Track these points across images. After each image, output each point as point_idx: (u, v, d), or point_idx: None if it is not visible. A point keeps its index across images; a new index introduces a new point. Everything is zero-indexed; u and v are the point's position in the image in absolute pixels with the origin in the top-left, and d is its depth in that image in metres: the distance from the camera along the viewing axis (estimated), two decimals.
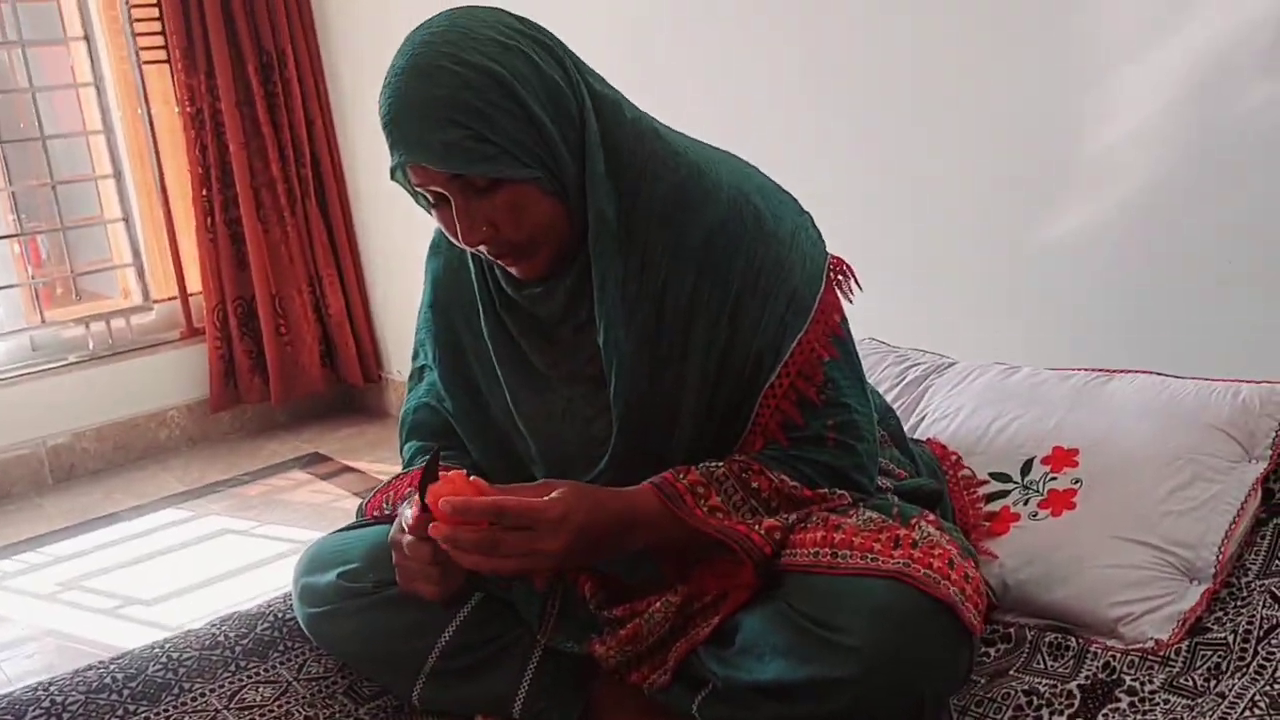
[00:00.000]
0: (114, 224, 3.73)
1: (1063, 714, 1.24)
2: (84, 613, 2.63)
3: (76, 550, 3.01)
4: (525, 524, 1.13)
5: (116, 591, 2.73)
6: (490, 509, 1.13)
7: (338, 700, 1.43)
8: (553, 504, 1.15)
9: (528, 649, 1.35)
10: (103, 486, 3.46)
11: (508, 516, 1.13)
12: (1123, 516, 1.38)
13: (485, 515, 1.13)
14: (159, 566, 2.87)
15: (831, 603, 1.15)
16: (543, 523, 1.14)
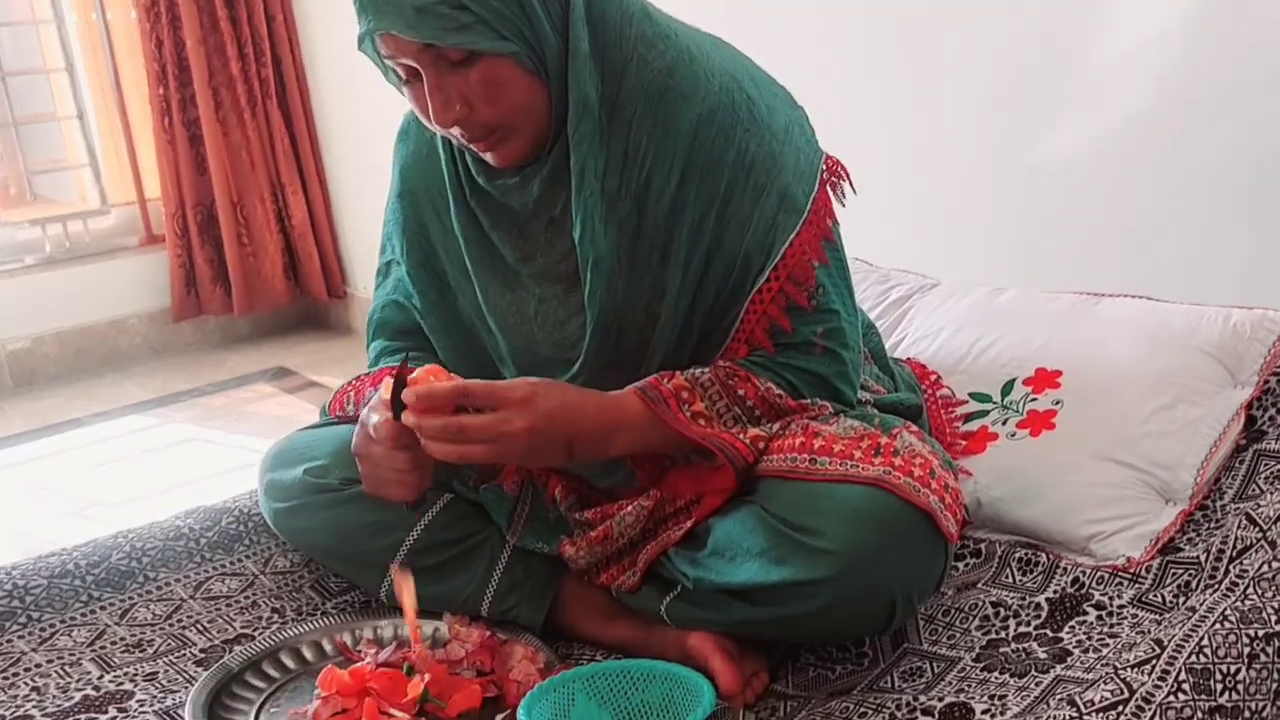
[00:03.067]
0: (67, 121, 3.63)
1: (1029, 625, 1.26)
2: (50, 514, 2.62)
3: (40, 454, 2.99)
4: (490, 405, 1.12)
5: (82, 495, 2.72)
6: (454, 392, 1.13)
7: (304, 594, 1.43)
8: (518, 385, 1.15)
9: (496, 548, 1.35)
10: (64, 392, 3.43)
11: (471, 397, 1.12)
12: (1102, 436, 1.39)
13: (450, 400, 1.12)
14: (124, 472, 2.86)
15: (808, 506, 1.15)
16: (508, 403, 1.13)
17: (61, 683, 1.27)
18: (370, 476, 1.21)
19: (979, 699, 1.14)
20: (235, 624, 1.38)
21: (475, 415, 1.12)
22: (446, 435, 1.12)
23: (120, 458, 2.95)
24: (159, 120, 3.52)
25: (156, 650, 1.33)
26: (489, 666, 1.28)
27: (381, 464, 1.18)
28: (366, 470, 1.21)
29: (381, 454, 1.18)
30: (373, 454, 1.19)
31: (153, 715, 1.21)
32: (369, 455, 1.20)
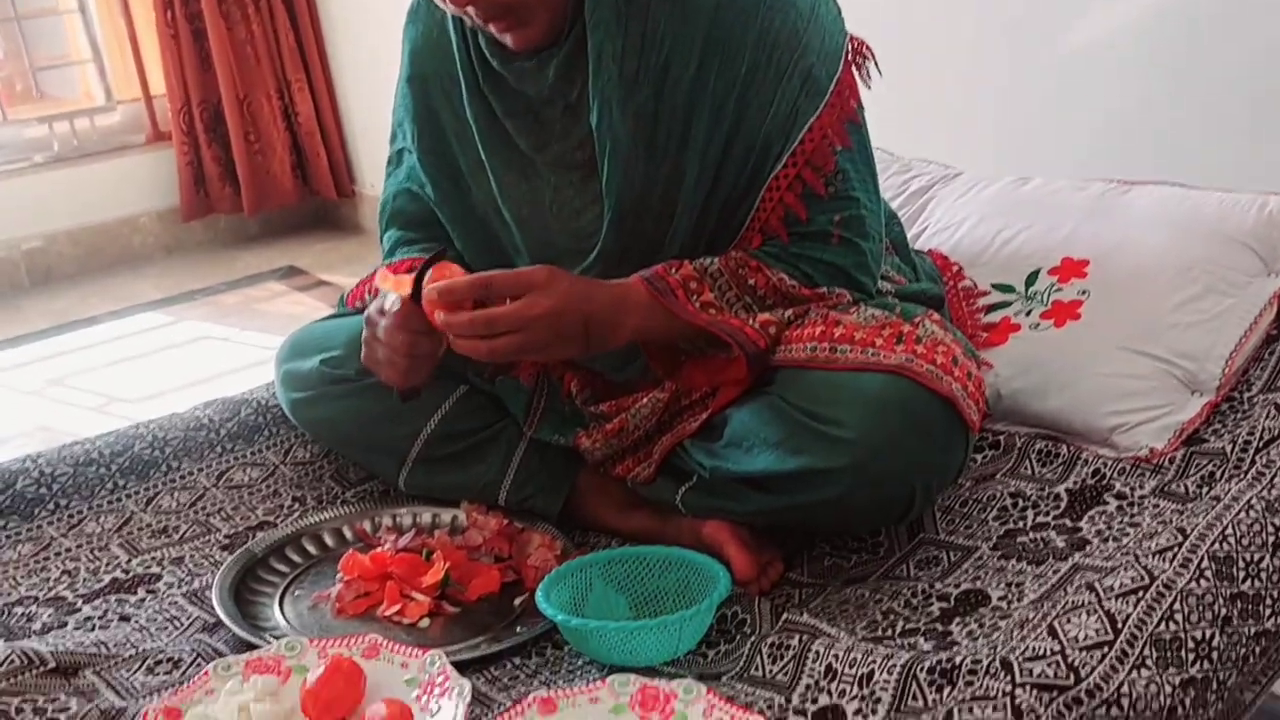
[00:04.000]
0: (69, 15, 3.57)
1: (1048, 515, 1.26)
2: (71, 409, 2.65)
3: (58, 350, 3.02)
4: (514, 292, 1.11)
5: (101, 391, 2.75)
6: (474, 284, 1.12)
7: (325, 483, 1.45)
8: (538, 269, 1.14)
9: (513, 440, 1.36)
10: (79, 290, 3.44)
11: (494, 288, 1.11)
12: (1128, 327, 1.37)
13: (473, 292, 1.11)
14: (141, 368, 2.88)
15: (827, 395, 1.15)
16: (530, 286, 1.11)
17: (91, 566, 1.29)
18: (369, 345, 1.21)
19: (995, 586, 1.15)
20: (258, 512, 1.40)
21: (502, 306, 1.11)
22: (476, 330, 1.11)
23: (137, 355, 2.98)
24: (161, 14, 3.46)
25: (182, 536, 1.35)
26: (507, 553, 1.30)
27: (381, 338, 1.18)
28: (368, 336, 1.21)
29: (384, 327, 1.17)
30: (376, 325, 1.19)
31: (181, 597, 1.24)
32: (373, 324, 1.20)
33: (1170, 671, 0.96)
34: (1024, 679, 0.92)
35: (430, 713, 0.99)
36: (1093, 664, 0.94)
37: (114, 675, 1.10)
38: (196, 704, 1.01)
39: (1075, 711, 0.91)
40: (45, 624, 1.19)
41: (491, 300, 1.12)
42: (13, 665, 1.09)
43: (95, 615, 1.21)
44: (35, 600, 1.23)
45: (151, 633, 1.18)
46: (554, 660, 1.13)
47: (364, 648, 1.07)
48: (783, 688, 1.03)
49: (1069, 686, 0.92)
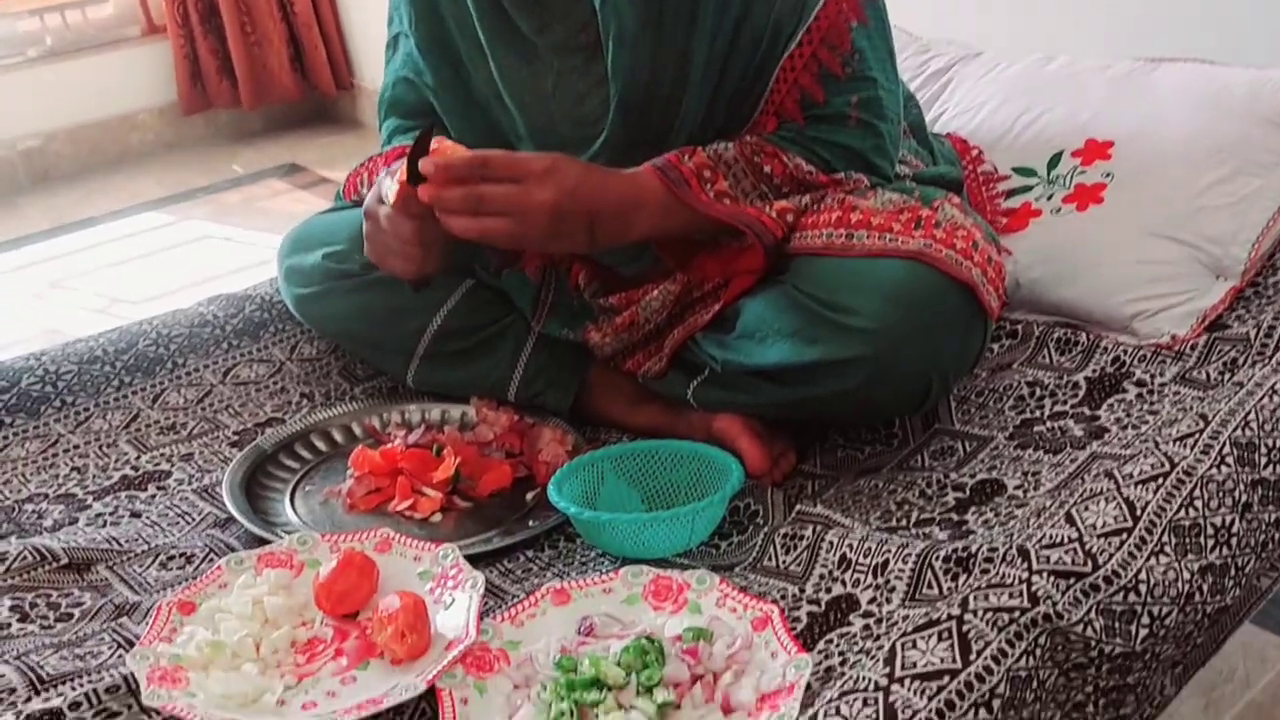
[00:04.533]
0: None
1: (1066, 404, 1.25)
2: (74, 311, 2.64)
3: (60, 251, 3.00)
4: (511, 176, 1.08)
5: (104, 292, 2.73)
6: (472, 161, 1.08)
7: (332, 380, 1.44)
8: (539, 157, 1.11)
9: (522, 335, 1.34)
10: (80, 189, 3.41)
11: (491, 168, 1.08)
12: (1153, 211, 1.34)
13: (469, 170, 1.08)
14: (144, 268, 2.86)
15: (843, 283, 1.12)
16: (529, 174, 1.08)
17: (100, 463, 1.29)
18: (373, 240, 1.18)
19: (1011, 475, 1.15)
20: (265, 408, 1.39)
21: (496, 186, 1.08)
22: (466, 207, 1.08)
23: (140, 255, 2.95)
24: None
25: (190, 433, 1.35)
26: (518, 448, 1.29)
27: (385, 229, 1.15)
28: (370, 230, 1.18)
29: (385, 216, 1.14)
30: (377, 216, 1.16)
31: (191, 493, 1.24)
32: (375, 215, 1.16)
33: (1189, 558, 0.96)
34: (1041, 566, 0.92)
35: (444, 605, 0.99)
36: (1111, 551, 0.94)
37: (127, 570, 1.11)
38: (210, 597, 1.02)
39: (1092, 598, 0.91)
40: (56, 521, 1.20)
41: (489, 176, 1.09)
42: (25, 561, 1.10)
43: (106, 512, 1.21)
44: (45, 497, 1.24)
45: (163, 528, 1.18)
46: (567, 553, 1.13)
47: (376, 542, 1.07)
48: (796, 578, 1.04)
49: (1086, 573, 0.92)
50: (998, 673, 0.84)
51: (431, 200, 1.08)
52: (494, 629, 0.97)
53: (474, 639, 0.93)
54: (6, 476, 1.27)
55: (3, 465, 1.28)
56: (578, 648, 0.94)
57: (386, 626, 0.94)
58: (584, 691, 0.88)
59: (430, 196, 1.08)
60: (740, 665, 0.91)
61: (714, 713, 0.88)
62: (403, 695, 0.90)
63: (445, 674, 0.91)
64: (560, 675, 0.90)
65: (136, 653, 0.94)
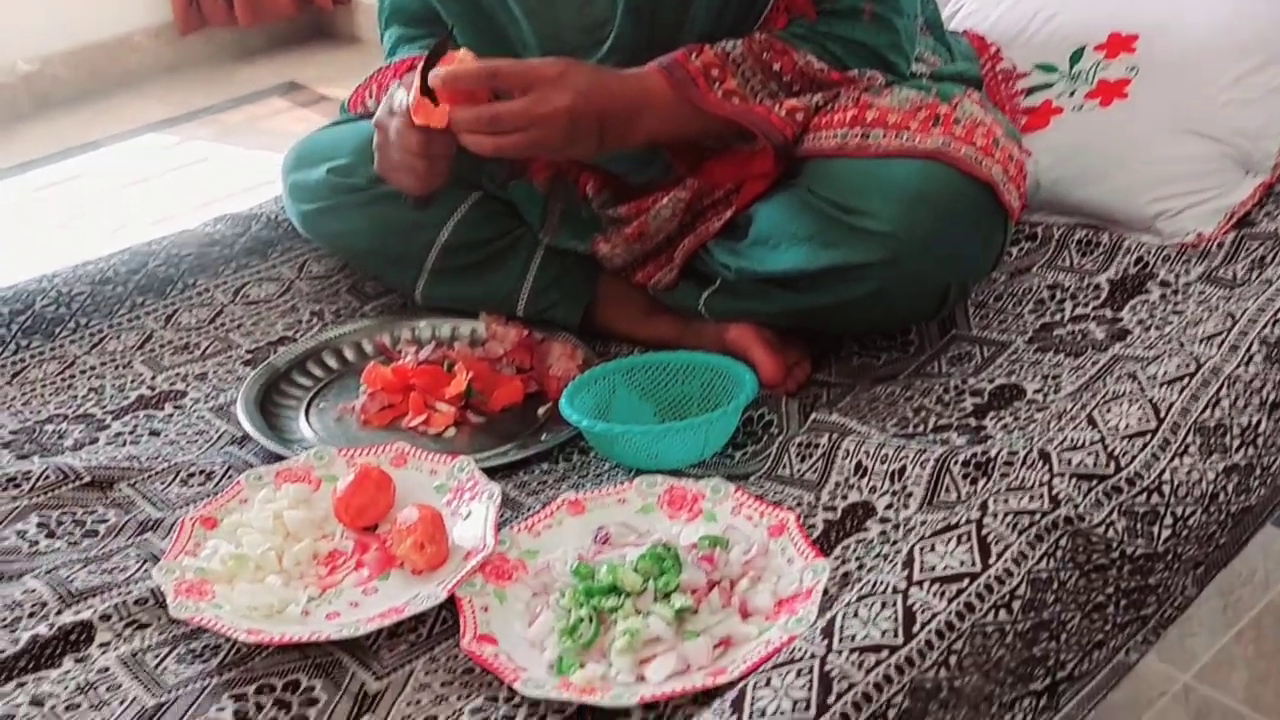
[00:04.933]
0: None
1: (1087, 306, 1.24)
2: (83, 236, 2.62)
3: (64, 176, 2.98)
4: (522, 85, 1.07)
5: (111, 216, 2.71)
6: (483, 72, 1.07)
7: (342, 298, 1.44)
8: (549, 63, 1.09)
9: (530, 248, 1.33)
10: (82, 114, 3.37)
11: (500, 77, 1.07)
12: (1179, 105, 1.31)
13: (479, 81, 1.07)
14: (150, 192, 2.84)
15: (859, 186, 1.10)
16: (541, 81, 1.07)
17: (117, 383, 1.30)
18: (383, 152, 1.17)
19: (1031, 380, 1.14)
20: (277, 327, 1.39)
21: (509, 101, 1.07)
22: (480, 126, 1.07)
23: (144, 178, 2.93)
24: None
25: (204, 352, 1.35)
26: (528, 364, 1.29)
27: (395, 142, 1.14)
28: (380, 142, 1.17)
29: (395, 128, 1.13)
30: (387, 127, 1.15)
31: (207, 411, 1.25)
32: (385, 127, 1.15)
33: (1214, 458, 0.96)
34: (1062, 468, 0.92)
35: (461, 516, 1.00)
36: (1134, 452, 0.93)
37: (148, 487, 1.12)
38: (232, 512, 1.03)
39: (1114, 500, 0.90)
40: (77, 440, 1.20)
41: (500, 91, 1.07)
42: (49, 480, 1.11)
43: (125, 431, 1.22)
44: (65, 418, 1.24)
45: (182, 446, 1.19)
46: (580, 465, 1.14)
47: (392, 456, 1.07)
48: (811, 485, 1.04)
49: (1109, 475, 0.92)
50: (1018, 575, 0.84)
51: (449, 124, 1.07)
52: (511, 539, 0.98)
53: (492, 549, 0.94)
54: (26, 398, 1.27)
55: (22, 387, 1.29)
56: (594, 556, 0.95)
57: (406, 538, 0.95)
58: (602, 598, 0.88)
59: (445, 119, 1.07)
60: (757, 571, 0.92)
61: (731, 617, 0.88)
62: (424, 604, 0.91)
63: (465, 583, 0.92)
64: (578, 582, 0.91)
65: (162, 566, 0.95)
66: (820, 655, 0.77)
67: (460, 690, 0.87)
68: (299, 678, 0.89)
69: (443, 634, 0.92)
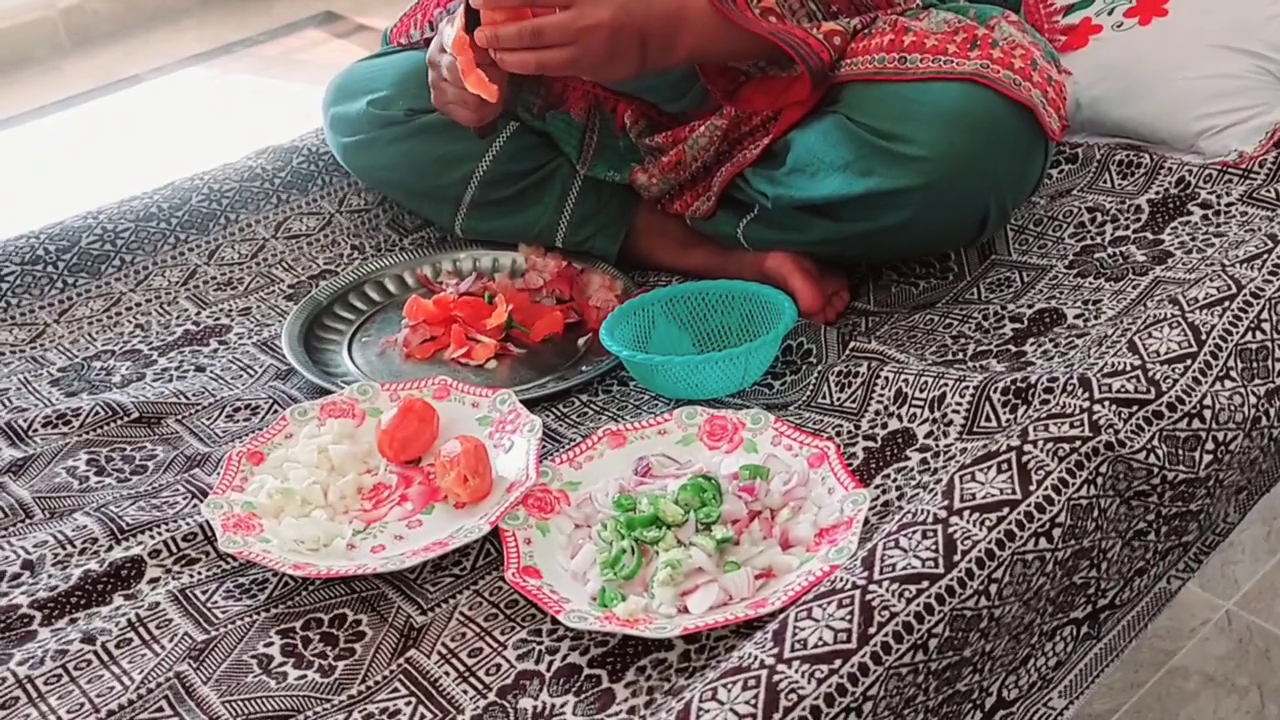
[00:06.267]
0: None
1: (1127, 229, 1.19)
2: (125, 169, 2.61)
3: (106, 110, 2.96)
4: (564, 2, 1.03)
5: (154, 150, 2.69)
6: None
7: (381, 231, 1.42)
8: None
9: (568, 179, 1.30)
10: (120, 48, 3.34)
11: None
12: (1220, 21, 1.25)
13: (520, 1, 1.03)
14: (191, 125, 2.82)
15: (897, 111, 1.06)
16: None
17: (162, 319, 1.29)
18: (438, 89, 1.14)
19: (1071, 304, 1.10)
20: (318, 261, 1.37)
21: (550, 16, 1.03)
22: (523, 41, 1.03)
23: (186, 111, 2.91)
24: None
25: (246, 287, 1.34)
26: (568, 294, 1.27)
27: (449, 76, 1.11)
28: (434, 79, 1.14)
29: (447, 65, 1.10)
30: (439, 65, 1.12)
31: (251, 346, 1.24)
32: (437, 64, 1.12)
33: (1256, 382, 0.92)
34: (1102, 394, 0.88)
35: (503, 449, 0.99)
36: (1175, 377, 0.90)
37: (195, 422, 1.12)
38: (278, 447, 1.02)
39: (1155, 425, 0.87)
40: (124, 376, 1.20)
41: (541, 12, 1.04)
42: (99, 416, 1.10)
43: (171, 367, 1.21)
44: (112, 354, 1.24)
45: (227, 381, 1.18)
46: (620, 396, 1.12)
47: (435, 389, 1.06)
48: (851, 414, 1.01)
49: (1149, 400, 0.88)
50: (1058, 502, 0.82)
51: (488, 40, 1.03)
52: (553, 471, 0.96)
53: (534, 481, 0.93)
54: (74, 336, 1.27)
55: (69, 324, 1.28)
56: (636, 487, 0.93)
57: (449, 471, 0.94)
58: (644, 529, 0.87)
59: (489, 40, 1.03)
60: (798, 501, 0.90)
61: (772, 548, 0.87)
62: (468, 537, 0.90)
63: (508, 515, 0.91)
64: (620, 514, 0.90)
65: (210, 502, 0.95)
66: (861, 586, 0.75)
67: (504, 623, 0.86)
68: (345, 612, 0.88)
69: (486, 567, 0.91)
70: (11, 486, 1.03)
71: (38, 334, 1.27)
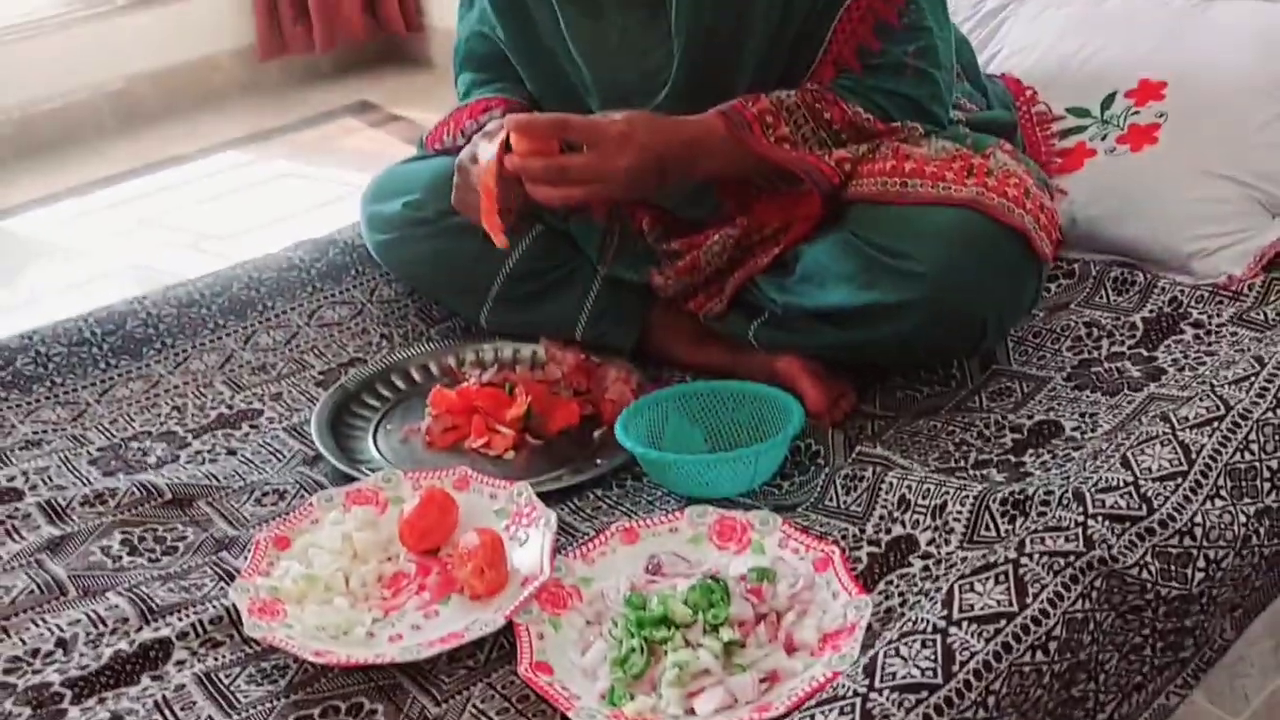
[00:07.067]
0: None
1: (1123, 345, 1.21)
2: (163, 247, 2.67)
3: (147, 190, 3.02)
4: (589, 140, 1.09)
5: (191, 228, 2.76)
6: (554, 124, 1.10)
7: (410, 321, 1.45)
8: (615, 122, 1.11)
9: (589, 277, 1.34)
10: (163, 131, 3.42)
11: (570, 130, 1.09)
12: (1208, 150, 1.29)
13: (550, 130, 1.09)
14: (229, 206, 2.88)
15: (899, 230, 1.10)
16: (606, 140, 1.09)
17: (198, 402, 1.31)
18: (461, 193, 1.19)
19: (1069, 416, 1.12)
20: (349, 349, 1.40)
21: (576, 155, 1.10)
22: (548, 177, 1.10)
23: (224, 193, 2.97)
24: None
25: (279, 373, 1.36)
26: (585, 387, 1.29)
27: (474, 185, 1.16)
28: (460, 184, 1.19)
29: (477, 174, 1.15)
30: (469, 172, 1.17)
31: (282, 431, 1.26)
32: (466, 171, 1.18)
33: (1245, 502, 0.93)
34: (1096, 509, 0.90)
35: (519, 541, 1.00)
36: (1166, 495, 0.91)
37: (225, 505, 1.13)
38: (304, 533, 1.03)
39: (1148, 542, 0.89)
40: (160, 458, 1.22)
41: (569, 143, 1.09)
42: (134, 497, 1.12)
43: (204, 449, 1.23)
44: (149, 435, 1.26)
45: (257, 465, 1.20)
46: (634, 491, 1.13)
47: (455, 479, 1.08)
48: (857, 518, 1.03)
49: (1141, 517, 0.90)
50: (1054, 615, 0.83)
51: (518, 168, 1.09)
52: (566, 566, 0.97)
53: (548, 576, 0.94)
54: (114, 416, 1.29)
55: (110, 405, 1.31)
56: (646, 585, 0.94)
57: (466, 563, 0.96)
58: (653, 629, 0.88)
59: (516, 166, 1.09)
60: (803, 605, 0.91)
61: (777, 651, 0.88)
62: (483, 630, 0.91)
63: (522, 610, 0.92)
64: (630, 612, 0.90)
65: (238, 586, 0.96)
66: (862, 694, 0.76)
67: (516, 718, 0.86)
68: (362, 700, 0.89)
69: (499, 660, 0.92)
70: (49, 564, 1.05)
71: (79, 413, 1.30)
